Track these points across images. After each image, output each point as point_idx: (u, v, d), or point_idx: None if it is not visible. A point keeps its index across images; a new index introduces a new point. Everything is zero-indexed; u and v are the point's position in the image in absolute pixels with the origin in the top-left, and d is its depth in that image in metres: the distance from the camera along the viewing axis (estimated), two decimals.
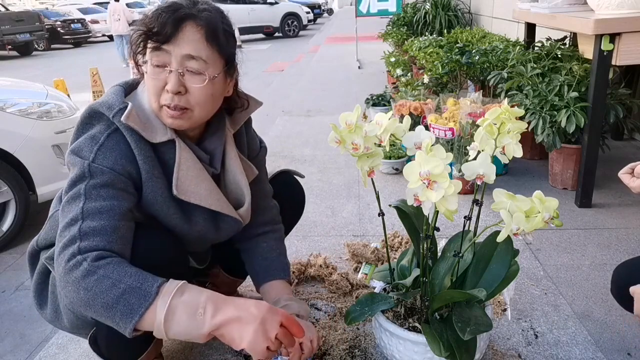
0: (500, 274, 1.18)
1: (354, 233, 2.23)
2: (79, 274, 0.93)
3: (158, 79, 1.02)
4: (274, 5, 14.73)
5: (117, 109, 1.05)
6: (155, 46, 1.01)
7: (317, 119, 4.43)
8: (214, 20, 1.06)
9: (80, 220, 0.98)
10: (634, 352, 1.42)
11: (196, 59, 1.02)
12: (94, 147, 1.02)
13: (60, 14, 15.96)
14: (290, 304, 1.24)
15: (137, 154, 1.05)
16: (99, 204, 1.00)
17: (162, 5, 1.03)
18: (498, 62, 3.20)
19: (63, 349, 1.56)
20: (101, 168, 1.01)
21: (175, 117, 1.05)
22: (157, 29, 1.00)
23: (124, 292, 0.92)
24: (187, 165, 1.10)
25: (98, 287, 0.92)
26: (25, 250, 2.38)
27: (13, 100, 2.57)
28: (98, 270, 0.93)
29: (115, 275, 0.93)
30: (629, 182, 1.19)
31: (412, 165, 1.00)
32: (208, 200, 1.14)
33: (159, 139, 1.07)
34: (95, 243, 0.97)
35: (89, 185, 1.00)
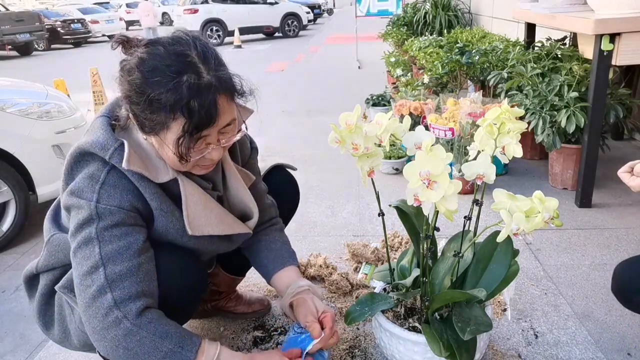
0: (500, 274, 1.18)
1: (354, 233, 2.23)
2: (120, 333, 0.94)
3: (197, 155, 0.99)
4: (274, 5, 14.72)
5: (112, 149, 0.99)
6: (195, 137, 0.94)
7: (317, 119, 4.43)
8: (230, 76, 0.98)
9: (101, 267, 0.96)
10: (634, 352, 1.42)
11: (231, 123, 1.00)
12: (96, 186, 0.98)
13: (60, 14, 15.95)
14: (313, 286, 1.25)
15: (143, 192, 1.02)
16: (116, 245, 0.98)
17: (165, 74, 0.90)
18: (498, 62, 3.20)
19: (63, 349, 1.56)
20: (109, 208, 0.98)
21: (210, 168, 1.06)
22: (196, 121, 0.91)
23: (164, 356, 0.95)
24: (194, 200, 1.08)
25: (140, 348, 0.94)
26: (25, 251, 2.39)
27: (13, 100, 2.57)
28: (140, 331, 0.94)
29: (157, 337, 0.95)
30: (629, 181, 1.19)
31: (412, 165, 1.00)
32: (220, 227, 1.14)
33: (161, 179, 1.03)
34: (127, 290, 0.96)
35: (100, 227, 0.97)
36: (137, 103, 0.93)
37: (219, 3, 13.74)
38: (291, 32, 14.79)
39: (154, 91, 0.90)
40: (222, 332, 1.58)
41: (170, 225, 1.07)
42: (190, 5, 14.32)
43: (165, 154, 1.00)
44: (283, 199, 1.47)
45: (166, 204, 1.06)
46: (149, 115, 0.93)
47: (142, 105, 0.92)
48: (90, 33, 16.17)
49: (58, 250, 1.15)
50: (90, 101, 5.06)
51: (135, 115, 0.96)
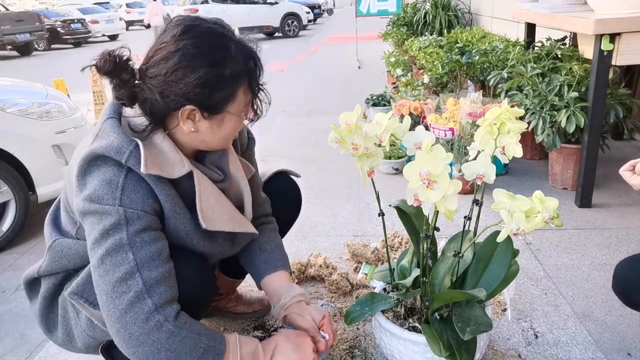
0: (500, 274, 1.18)
1: (354, 233, 2.23)
2: (163, 337, 0.95)
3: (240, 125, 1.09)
4: (274, 5, 14.72)
5: (128, 152, 0.97)
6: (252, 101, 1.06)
7: (317, 119, 4.43)
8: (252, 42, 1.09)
9: (137, 273, 0.96)
10: (634, 352, 1.42)
11: None
12: (117, 192, 0.97)
13: (60, 14, 15.94)
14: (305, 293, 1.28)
15: (158, 193, 1.02)
16: (148, 251, 0.98)
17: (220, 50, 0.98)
18: (498, 62, 3.20)
19: (63, 349, 1.56)
20: (136, 212, 0.97)
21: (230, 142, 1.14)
22: (256, 76, 1.04)
23: (204, 352, 0.99)
24: (207, 195, 1.09)
25: (182, 348, 0.97)
26: (25, 251, 2.39)
27: (13, 100, 2.56)
28: (181, 332, 0.97)
29: (195, 335, 0.99)
30: (630, 180, 1.19)
31: (412, 165, 1.00)
32: (231, 224, 1.15)
33: (178, 174, 1.03)
34: (164, 295, 0.98)
35: (130, 233, 0.97)
36: (201, 93, 0.96)
37: (218, 3, 13.74)
38: (291, 32, 14.78)
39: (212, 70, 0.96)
40: (222, 332, 1.58)
41: (180, 227, 1.07)
42: (190, 5, 14.32)
43: (216, 135, 1.05)
44: (284, 206, 1.47)
45: (179, 205, 1.06)
46: (213, 95, 0.98)
47: (204, 89, 0.96)
48: (90, 33, 16.16)
49: (61, 256, 1.14)
50: (90, 101, 5.06)
51: (199, 107, 0.98)
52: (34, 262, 1.86)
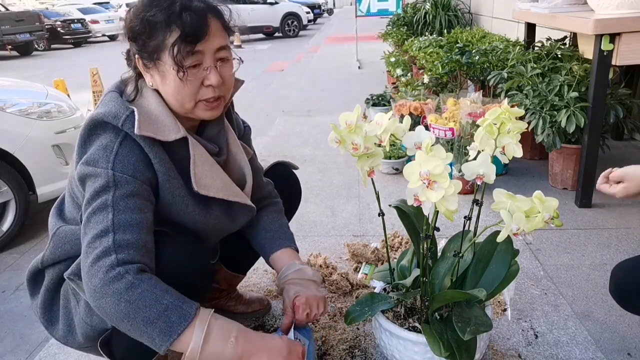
0: (500, 274, 1.18)
1: (354, 233, 2.23)
2: (122, 286, 0.93)
3: (195, 79, 1.04)
4: (274, 5, 14.72)
5: (124, 116, 1.03)
6: (189, 50, 1.01)
7: (317, 119, 4.43)
8: (221, 7, 1.08)
9: (111, 232, 0.97)
10: (634, 352, 1.42)
11: (224, 48, 1.06)
12: (110, 156, 1.01)
13: (60, 14, 15.94)
14: (304, 269, 1.27)
15: (152, 158, 1.05)
16: (129, 217, 0.99)
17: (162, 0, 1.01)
18: (498, 62, 3.20)
19: (63, 349, 1.56)
20: (125, 177, 1.00)
21: (214, 107, 1.09)
22: (189, 30, 0.99)
23: (166, 309, 0.93)
24: (202, 160, 1.12)
25: (141, 300, 0.93)
26: (25, 251, 2.39)
27: (13, 100, 2.57)
28: (142, 284, 0.94)
29: (158, 291, 0.95)
30: (610, 190, 1.20)
31: (412, 165, 1.00)
32: (226, 192, 1.17)
33: (172, 137, 1.07)
34: (132, 256, 0.97)
35: (116, 196, 0.99)
36: (138, 33, 1.02)
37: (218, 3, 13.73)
38: (291, 32, 14.78)
39: (150, 12, 1.00)
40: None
41: (176, 193, 1.10)
42: None
43: (167, 85, 1.05)
44: (285, 194, 1.48)
45: (173, 170, 1.09)
46: (148, 41, 1.01)
47: (141, 31, 1.01)
48: (90, 33, 16.17)
49: (64, 242, 1.15)
50: (90, 101, 5.06)
51: (138, 52, 1.04)
52: None
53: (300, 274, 1.26)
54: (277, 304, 1.70)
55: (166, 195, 1.09)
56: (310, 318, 1.21)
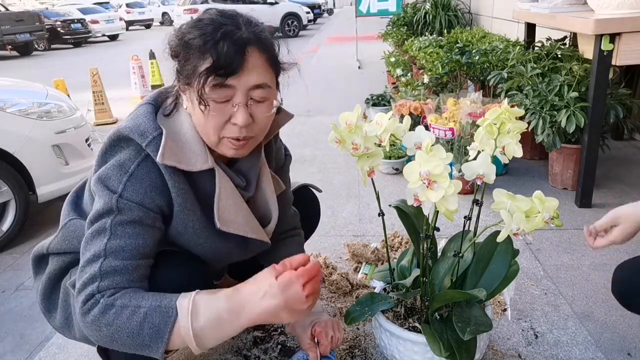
0: (500, 274, 1.18)
1: (354, 233, 2.23)
2: (97, 312, 0.92)
3: (220, 114, 0.95)
4: (274, 5, 14.72)
5: (151, 137, 0.98)
6: (218, 82, 0.92)
7: (317, 119, 4.43)
8: (268, 39, 0.99)
9: (102, 258, 0.95)
10: (634, 352, 1.42)
11: (263, 87, 0.97)
12: (123, 177, 0.97)
13: (60, 14, 15.93)
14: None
15: (170, 186, 1.00)
16: (123, 242, 0.96)
17: (208, 30, 0.92)
18: (498, 62, 3.20)
19: (63, 349, 1.56)
20: (129, 204, 0.97)
21: (240, 147, 1.01)
22: (222, 62, 0.90)
23: (145, 315, 0.91)
24: (227, 195, 1.07)
25: (119, 318, 0.91)
26: (25, 251, 2.39)
27: (13, 100, 2.57)
28: (115, 302, 0.92)
29: (133, 302, 0.92)
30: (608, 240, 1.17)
31: (412, 165, 1.00)
32: (245, 228, 1.12)
33: (198, 167, 1.01)
34: (115, 283, 0.95)
35: (115, 221, 0.96)
36: (176, 53, 0.96)
37: (218, 3, 13.74)
38: (291, 32, 14.78)
39: (191, 35, 0.93)
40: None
41: (189, 225, 1.06)
42: (190, 5, 14.32)
43: (195, 117, 0.99)
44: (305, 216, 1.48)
45: (191, 201, 1.04)
46: (184, 66, 0.95)
47: (180, 51, 0.95)
48: (90, 33, 16.15)
49: (73, 236, 1.15)
50: (90, 101, 5.06)
51: (177, 72, 0.98)
52: None
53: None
54: None
55: (178, 224, 1.05)
56: (334, 344, 1.18)
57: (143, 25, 23.05)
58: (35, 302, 1.23)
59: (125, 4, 22.59)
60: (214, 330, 0.92)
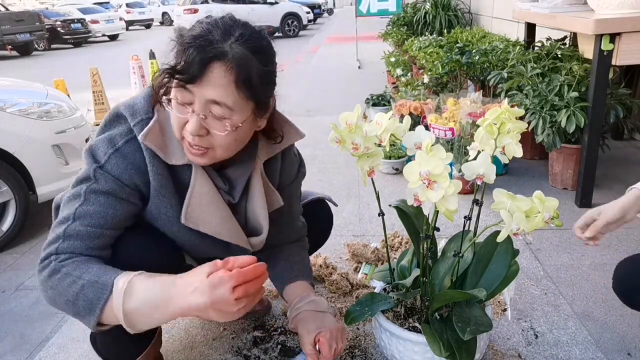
0: (500, 274, 1.18)
1: (354, 233, 2.23)
2: (46, 274, 0.95)
3: (181, 116, 0.96)
4: (274, 5, 14.71)
5: (139, 118, 1.01)
6: (179, 85, 0.92)
7: (317, 119, 4.43)
8: (247, 60, 0.92)
9: (70, 221, 0.98)
10: (634, 352, 1.42)
11: (220, 105, 0.92)
12: (109, 150, 1.00)
13: (60, 14, 15.92)
14: (319, 300, 1.25)
15: (149, 169, 1.02)
16: (93, 209, 0.99)
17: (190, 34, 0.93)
18: (498, 62, 3.20)
19: (63, 349, 1.56)
20: (106, 176, 0.99)
21: (196, 155, 1.00)
22: (182, 67, 0.90)
23: (82, 288, 0.92)
24: (201, 192, 1.07)
25: (61, 284, 0.94)
26: (25, 251, 2.39)
27: (13, 100, 2.57)
28: (62, 269, 0.95)
29: (77, 272, 0.94)
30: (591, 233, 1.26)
31: (412, 165, 1.00)
32: (218, 229, 1.11)
33: (174, 162, 1.03)
34: (73, 247, 0.97)
35: (90, 189, 0.99)
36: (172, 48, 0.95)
37: (218, 3, 13.74)
38: (291, 32, 14.78)
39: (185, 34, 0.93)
40: (222, 332, 1.58)
41: (162, 211, 1.07)
42: (190, 5, 14.32)
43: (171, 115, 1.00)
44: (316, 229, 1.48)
45: (167, 189, 1.05)
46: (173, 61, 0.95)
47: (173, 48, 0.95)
48: (90, 33, 16.15)
49: None
50: (90, 101, 5.06)
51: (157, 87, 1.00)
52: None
53: (315, 305, 1.22)
54: (277, 304, 1.70)
55: (153, 208, 1.07)
56: (336, 353, 1.16)
57: (143, 25, 23.04)
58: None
59: (125, 4, 22.58)
60: (144, 315, 0.90)
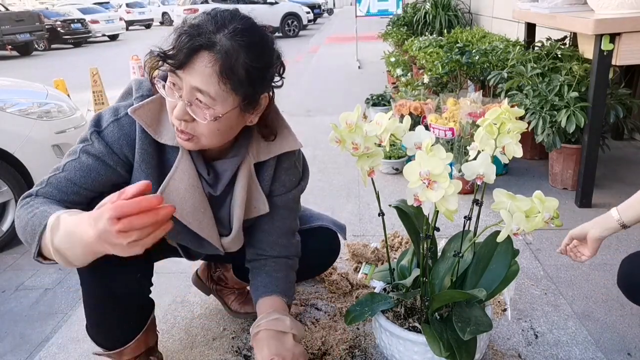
0: (500, 274, 1.18)
1: (354, 233, 2.23)
2: (19, 207, 1.03)
3: (171, 100, 0.99)
4: (274, 5, 14.72)
5: (141, 94, 1.08)
6: (169, 69, 0.96)
7: (317, 119, 4.43)
8: (234, 53, 0.94)
9: (58, 171, 1.06)
10: (634, 352, 1.42)
11: (203, 94, 0.94)
12: (110, 118, 1.07)
13: (60, 14, 15.91)
14: (282, 319, 1.15)
15: (137, 142, 1.07)
16: (79, 166, 1.06)
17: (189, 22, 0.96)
18: (498, 62, 3.20)
19: (63, 349, 1.56)
20: (100, 141, 1.06)
21: (183, 139, 1.02)
22: (171, 52, 0.94)
23: (32, 217, 0.97)
24: (182, 177, 1.09)
25: (22, 214, 0.99)
26: (25, 251, 2.39)
27: (13, 100, 2.57)
28: (31, 202, 1.01)
29: (38, 206, 0.99)
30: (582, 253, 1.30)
31: (412, 165, 1.00)
32: (188, 218, 1.11)
33: (164, 141, 1.07)
34: (51, 194, 1.04)
35: (84, 148, 1.06)
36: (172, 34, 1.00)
37: (218, 3, 13.74)
38: (291, 32, 14.78)
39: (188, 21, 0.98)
40: (222, 332, 1.58)
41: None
42: (190, 5, 14.31)
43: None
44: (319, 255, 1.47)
45: (148, 165, 1.08)
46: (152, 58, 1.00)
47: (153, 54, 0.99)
48: (90, 33, 16.14)
49: None
50: (90, 101, 5.06)
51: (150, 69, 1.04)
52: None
53: (276, 324, 1.13)
54: None
55: (133, 181, 1.09)
56: None
57: (143, 25, 23.04)
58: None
59: (125, 4, 22.57)
60: (68, 249, 0.89)
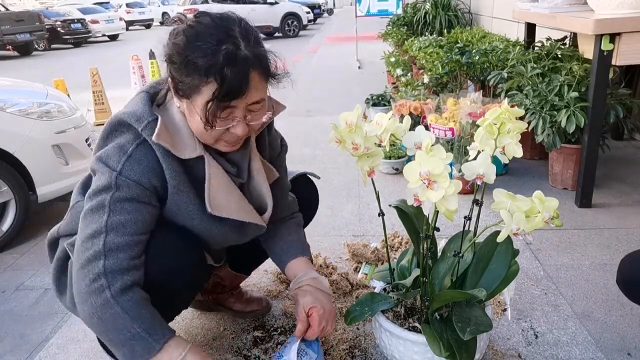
0: (500, 274, 1.18)
1: (354, 233, 2.23)
2: (99, 302, 0.97)
3: (221, 127, 1.01)
4: (274, 5, 14.70)
5: (146, 121, 1.04)
6: (223, 105, 0.97)
7: (317, 119, 4.43)
8: (262, 54, 1.02)
9: (104, 234, 1.00)
10: (634, 352, 1.42)
11: (259, 102, 1.03)
12: (122, 157, 1.02)
13: (60, 14, 15.91)
14: (321, 279, 1.27)
15: (165, 168, 1.05)
16: (123, 219, 1.01)
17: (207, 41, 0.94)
18: (498, 62, 3.20)
19: (63, 349, 1.56)
20: (127, 182, 1.02)
21: (235, 145, 1.08)
22: (227, 88, 0.94)
23: (132, 338, 0.96)
24: (217, 181, 1.12)
25: (111, 323, 0.96)
26: (25, 251, 2.39)
27: (13, 100, 2.57)
28: (116, 306, 0.96)
29: (129, 317, 0.96)
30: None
31: (412, 165, 1.00)
32: (239, 213, 1.16)
33: (187, 155, 1.06)
34: (120, 262, 1.00)
35: (114, 197, 1.01)
36: (176, 64, 0.98)
37: (218, 3, 13.72)
38: (291, 32, 14.78)
39: (192, 54, 0.95)
40: (222, 332, 1.58)
41: (182, 206, 1.10)
42: (190, 5, 14.31)
43: (193, 120, 1.03)
44: (303, 205, 1.50)
45: (184, 184, 1.09)
46: (185, 78, 0.97)
47: (180, 66, 0.97)
48: (90, 33, 16.14)
49: (79, 217, 1.18)
50: (90, 101, 5.05)
51: (173, 77, 1.01)
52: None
53: (317, 282, 1.25)
54: (276, 304, 1.70)
55: (172, 205, 1.09)
56: (323, 332, 1.20)
57: (143, 25, 23.04)
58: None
59: (125, 4, 22.57)
60: None
